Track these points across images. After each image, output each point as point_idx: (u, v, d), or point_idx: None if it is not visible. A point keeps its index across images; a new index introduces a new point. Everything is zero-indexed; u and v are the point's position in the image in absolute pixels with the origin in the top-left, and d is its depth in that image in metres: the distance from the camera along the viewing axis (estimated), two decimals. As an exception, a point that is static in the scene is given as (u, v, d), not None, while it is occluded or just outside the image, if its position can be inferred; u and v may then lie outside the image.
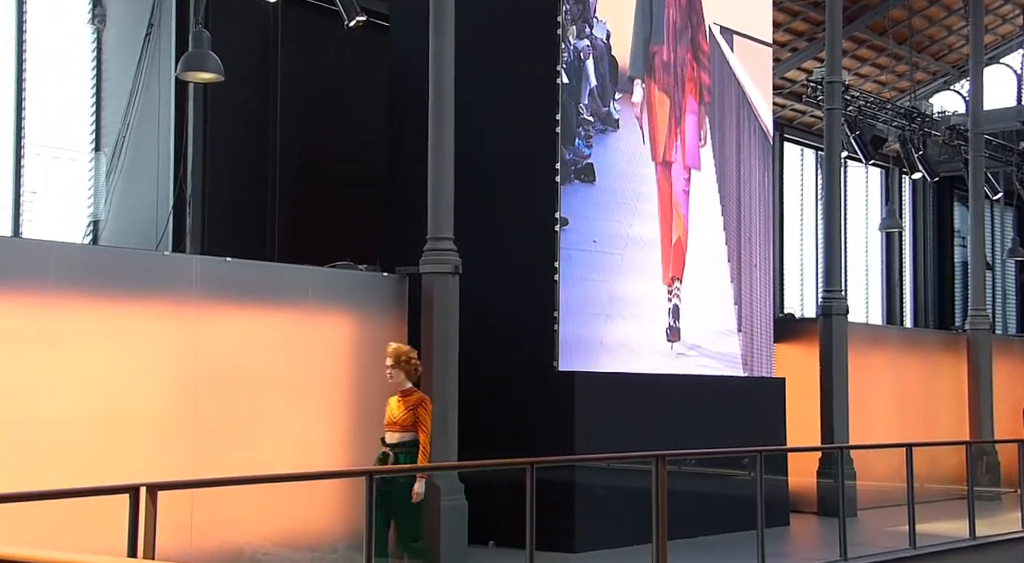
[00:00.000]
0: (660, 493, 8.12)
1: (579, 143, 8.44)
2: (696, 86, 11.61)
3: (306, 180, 12.24)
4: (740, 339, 12.13)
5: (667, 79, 11.11)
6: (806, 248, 19.88)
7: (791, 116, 19.29)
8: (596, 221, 9.00)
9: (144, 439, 7.92)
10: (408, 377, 7.90)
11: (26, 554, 3.25)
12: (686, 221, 11.57)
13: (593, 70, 8.80)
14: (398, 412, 7.87)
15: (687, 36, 11.57)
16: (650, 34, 11.05)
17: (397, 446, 7.82)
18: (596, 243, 8.63)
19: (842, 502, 10.16)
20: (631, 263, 9.53)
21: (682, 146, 11.45)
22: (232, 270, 8.65)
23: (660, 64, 11.09)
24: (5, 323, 7.30)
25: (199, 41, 10.15)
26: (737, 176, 12.37)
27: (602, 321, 8.94)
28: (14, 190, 10.56)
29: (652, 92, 11.09)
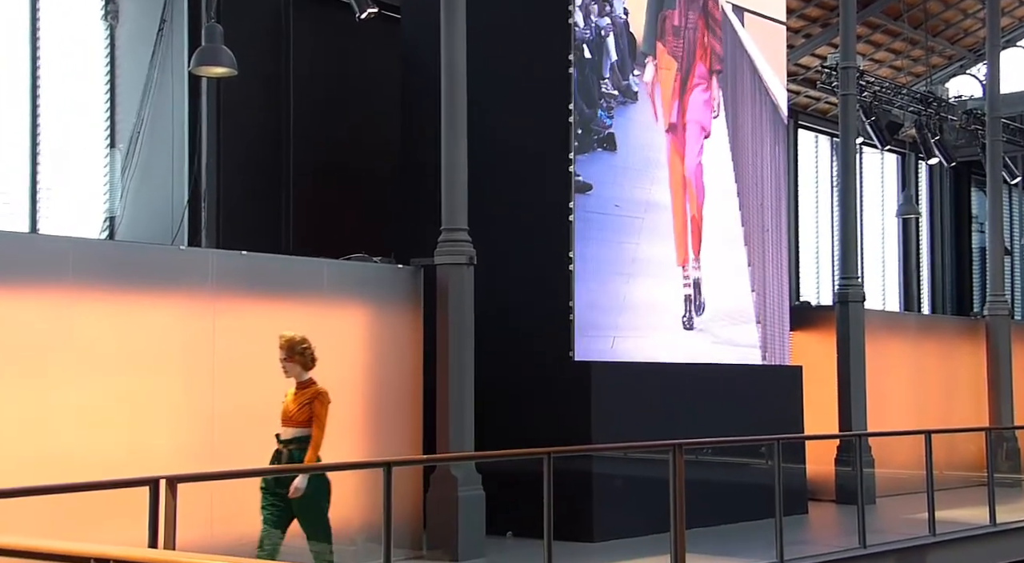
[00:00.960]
0: (678, 482, 8.12)
1: (601, 114, 8.80)
2: (707, 53, 11.44)
3: (320, 173, 12.26)
4: (757, 326, 12.11)
5: (676, 43, 10.92)
6: (822, 236, 19.80)
7: (805, 103, 19.19)
8: (618, 187, 9.29)
9: (162, 432, 7.96)
10: (305, 368, 7.26)
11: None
12: (700, 195, 11.37)
13: (614, 46, 9.19)
14: (293, 406, 7.24)
15: (699, 3, 11.49)
16: (662, 4, 10.98)
17: (292, 442, 7.18)
18: (618, 207, 8.93)
19: (861, 490, 10.14)
20: (652, 226, 9.92)
21: (688, 108, 11.18)
22: (247, 263, 8.68)
23: (671, 28, 10.93)
24: (24, 318, 7.34)
25: (212, 36, 10.17)
26: (751, 156, 12.29)
27: (624, 280, 9.24)
28: (30, 187, 10.62)
29: (661, 56, 10.96)
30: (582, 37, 9.01)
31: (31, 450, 7.24)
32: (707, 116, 11.48)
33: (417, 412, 9.48)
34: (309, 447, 7.12)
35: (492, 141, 10.49)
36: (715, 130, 11.74)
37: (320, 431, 7.14)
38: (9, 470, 6.97)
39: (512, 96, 10.83)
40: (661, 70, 11.03)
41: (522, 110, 10.78)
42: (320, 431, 7.14)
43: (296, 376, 7.26)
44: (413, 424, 9.45)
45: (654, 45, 10.92)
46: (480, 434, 9.34)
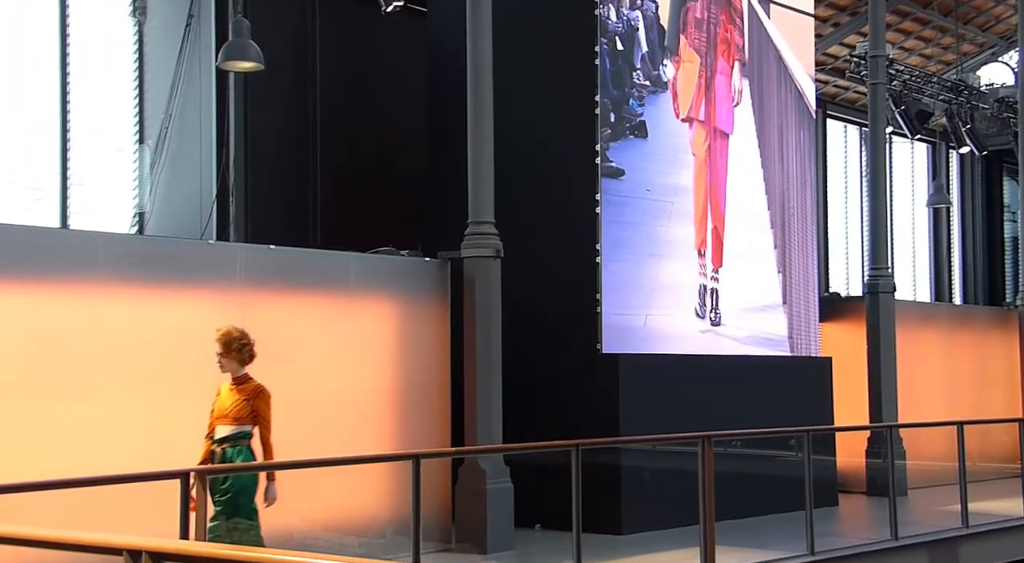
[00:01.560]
0: (707, 474, 8.09)
1: (633, 103, 9.17)
2: (728, 46, 11.47)
3: (347, 166, 12.29)
4: (785, 317, 12.04)
5: (699, 36, 11.01)
6: (851, 226, 19.65)
7: (834, 92, 19.04)
8: (649, 172, 9.59)
9: (193, 425, 8.01)
10: (242, 364, 6.83)
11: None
12: (723, 203, 11.41)
13: (644, 38, 9.51)
14: (229, 402, 6.77)
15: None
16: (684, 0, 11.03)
17: (226, 440, 6.74)
18: (649, 192, 9.29)
19: (892, 481, 10.07)
20: (680, 210, 10.23)
21: (712, 106, 11.23)
22: (275, 257, 8.71)
23: (693, 20, 10.95)
24: (55, 312, 7.41)
25: (239, 30, 10.21)
26: (779, 148, 12.26)
27: (655, 261, 9.61)
28: (61, 183, 10.70)
29: (684, 49, 10.96)
30: (614, 30, 9.28)
31: (61, 443, 7.31)
32: (729, 113, 11.49)
33: (445, 405, 9.50)
34: (264, 451, 6.74)
35: (518, 134, 10.47)
36: (740, 122, 11.72)
37: (268, 432, 6.76)
38: (40, 462, 7.04)
39: (539, 88, 10.81)
40: (683, 63, 11.04)
41: (548, 102, 10.75)
42: (268, 432, 6.76)
43: (233, 372, 6.85)
44: (441, 417, 9.46)
45: (677, 40, 10.95)
46: (508, 427, 9.34)
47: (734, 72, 11.53)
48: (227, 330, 6.86)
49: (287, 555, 3.09)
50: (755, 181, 11.88)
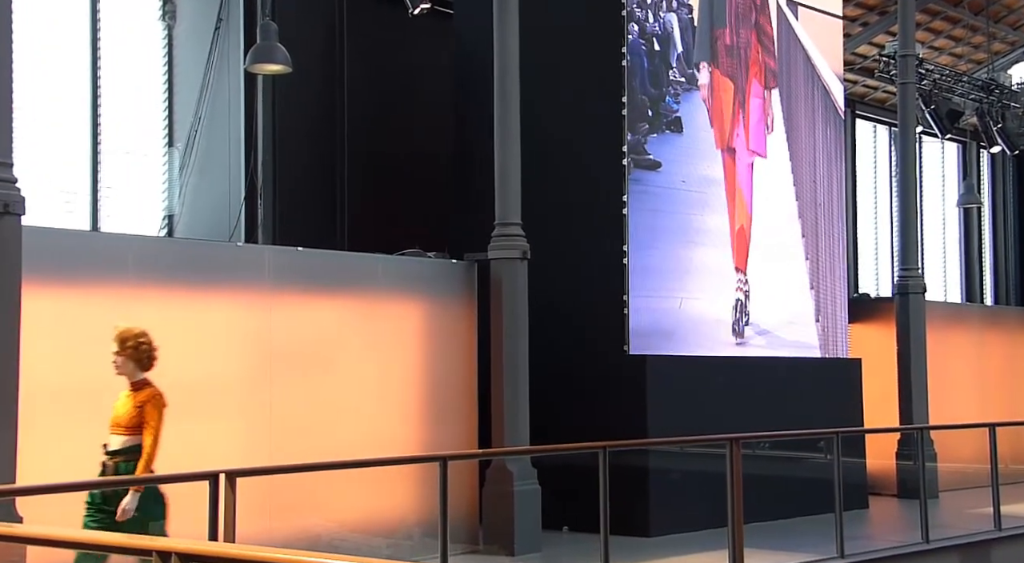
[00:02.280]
0: (735, 476, 8.05)
1: (669, 100, 9.71)
2: (761, 70, 11.62)
3: (374, 169, 12.33)
4: (818, 328, 12.05)
5: (731, 63, 11.18)
6: (880, 227, 19.50)
7: (863, 92, 18.91)
8: (684, 165, 10.03)
9: (221, 427, 8.06)
10: (140, 367, 6.22)
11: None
12: (750, 208, 11.50)
13: (680, 39, 9.97)
14: (123, 411, 6.18)
15: (750, 19, 11.59)
16: (713, 18, 11.13)
17: (119, 454, 6.11)
18: (684, 183, 9.76)
19: (923, 484, 9.99)
20: (714, 200, 10.64)
21: (745, 132, 11.46)
22: (303, 259, 8.75)
23: (723, 48, 11.16)
24: (86, 314, 7.47)
25: (267, 33, 10.26)
26: (809, 157, 12.28)
27: (690, 248, 10.05)
28: (91, 186, 10.80)
29: (716, 77, 11.12)
30: (651, 31, 9.72)
31: (92, 444, 7.36)
32: (761, 135, 11.57)
33: (472, 406, 9.50)
34: (140, 459, 6.06)
35: (545, 135, 10.47)
36: (771, 141, 11.78)
37: (153, 440, 6.07)
38: (71, 463, 7.10)
39: (565, 89, 10.80)
40: (718, 92, 11.04)
41: (575, 103, 10.75)
42: (153, 440, 6.07)
43: (129, 375, 6.23)
44: (468, 418, 9.47)
45: (708, 52, 11.04)
46: (535, 428, 9.33)
47: (769, 98, 11.59)
48: (124, 328, 6.27)
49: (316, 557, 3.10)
50: (786, 192, 11.91)
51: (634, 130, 9.78)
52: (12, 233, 6.92)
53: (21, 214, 6.97)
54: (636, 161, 9.39)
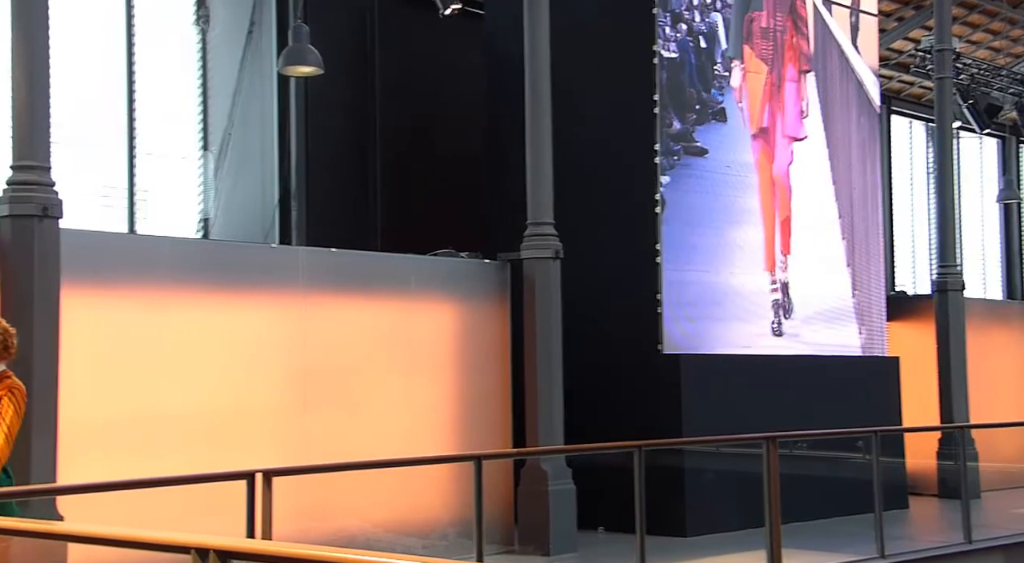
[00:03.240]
0: (772, 476, 7.99)
1: (714, 92, 10.34)
2: (796, 54, 11.68)
3: (407, 169, 12.36)
4: (857, 324, 12.01)
5: (765, 46, 11.28)
6: (918, 224, 19.30)
7: (898, 88, 18.72)
8: (728, 152, 10.59)
9: (258, 426, 8.11)
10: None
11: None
12: (789, 200, 11.48)
13: (724, 37, 10.58)
14: None
15: (787, 4, 11.63)
16: (748, 5, 11.24)
17: None
18: (729, 168, 10.39)
19: (964, 483, 9.87)
20: (755, 183, 11.13)
21: (782, 115, 11.47)
22: (337, 260, 8.79)
23: (758, 30, 11.24)
24: (122, 316, 7.54)
25: (299, 36, 10.32)
26: (846, 150, 12.24)
27: (735, 227, 10.59)
28: (128, 190, 10.90)
29: (749, 59, 11.19)
30: (699, 30, 10.39)
31: (130, 444, 7.43)
32: (798, 121, 11.65)
33: (506, 406, 9.50)
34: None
35: (577, 133, 10.45)
36: (807, 126, 11.78)
37: (4, 435, 5.42)
38: (113, 463, 7.17)
39: (597, 88, 10.78)
40: (749, 74, 11.14)
41: (607, 102, 10.72)
42: (4, 435, 5.42)
43: None
44: (503, 418, 9.46)
45: (740, 48, 11.12)
46: (569, 428, 9.31)
47: (804, 82, 11.70)
48: None
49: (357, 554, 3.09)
50: (825, 187, 11.91)
51: (683, 120, 10.22)
52: (51, 236, 7.00)
53: (59, 217, 7.05)
54: (685, 148, 10.01)
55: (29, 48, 7.05)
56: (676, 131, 10.00)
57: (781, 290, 11.22)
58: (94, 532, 3.95)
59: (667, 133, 9.90)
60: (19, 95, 7.05)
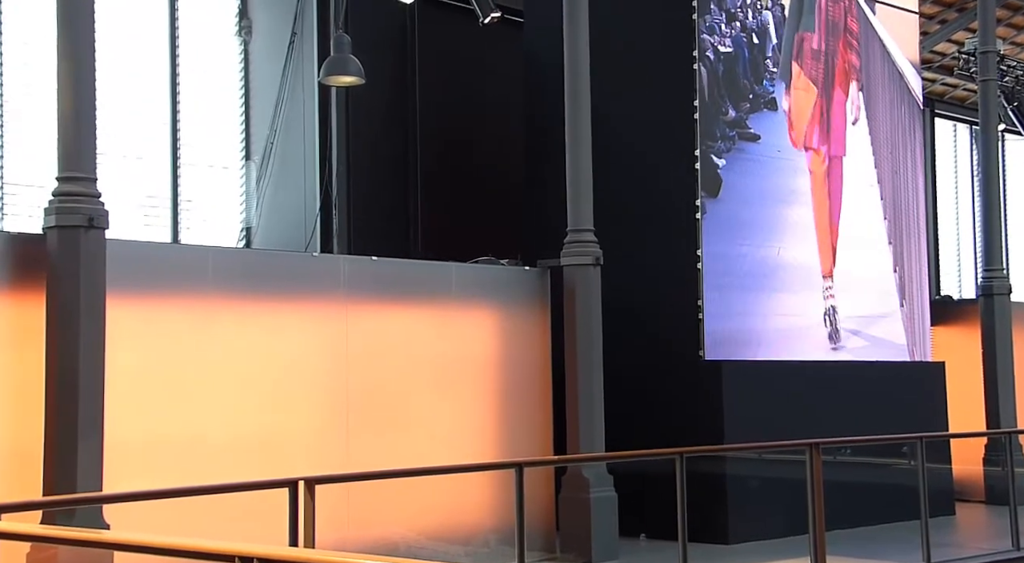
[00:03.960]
0: (815, 482, 7.92)
1: (766, 84, 10.96)
2: (845, 71, 11.89)
3: (447, 177, 12.40)
4: (905, 327, 12.01)
5: (816, 67, 11.58)
6: (962, 227, 19.08)
7: (942, 90, 18.52)
8: (779, 137, 11.13)
9: (300, 434, 8.16)
10: None
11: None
12: (837, 217, 11.63)
13: (775, 33, 11.15)
14: None
15: (840, 26, 11.86)
16: (799, 24, 11.52)
17: None
18: (779, 152, 10.98)
19: (1012, 490, 9.73)
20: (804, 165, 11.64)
21: (828, 134, 11.70)
22: (378, 268, 8.83)
23: (809, 51, 11.54)
24: (168, 323, 7.63)
25: (340, 46, 10.39)
26: (891, 154, 12.30)
27: (786, 206, 11.12)
28: (172, 200, 11.04)
29: (798, 78, 11.43)
30: (751, 27, 10.92)
31: (176, 452, 7.51)
32: (843, 138, 11.87)
33: (547, 413, 9.49)
34: None
35: (616, 140, 10.44)
36: (856, 135, 11.91)
37: None
38: (157, 471, 7.25)
39: (636, 95, 10.77)
40: (797, 90, 11.39)
41: (647, 109, 10.71)
42: None
43: None
44: (543, 425, 9.46)
45: (790, 68, 11.41)
46: (611, 435, 9.29)
47: (850, 92, 11.94)
48: None
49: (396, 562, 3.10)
50: (871, 192, 12.02)
51: (738, 109, 10.70)
52: (97, 246, 7.09)
53: (105, 227, 7.15)
54: (740, 134, 10.64)
55: (75, 60, 7.16)
56: (731, 118, 10.56)
57: (830, 313, 11.33)
58: (139, 540, 3.99)
59: (723, 120, 10.47)
60: (65, 107, 7.15)
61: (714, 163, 10.23)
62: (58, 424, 6.88)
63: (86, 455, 6.86)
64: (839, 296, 11.37)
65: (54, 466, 6.85)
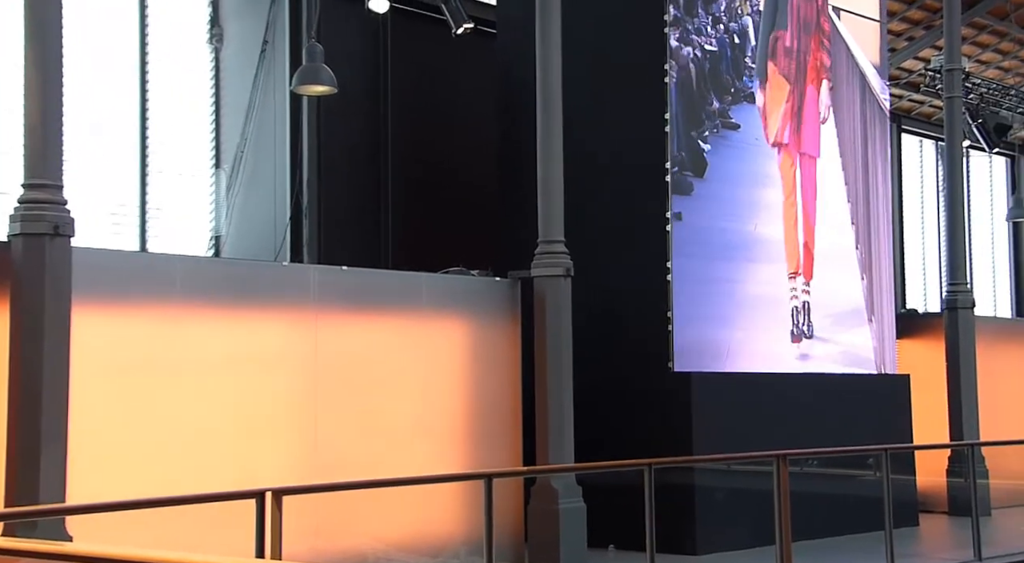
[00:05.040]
0: (782, 494, 7.97)
1: (746, 80, 11.63)
2: (817, 69, 12.23)
3: (418, 188, 12.40)
4: (873, 339, 12.17)
5: (788, 64, 11.92)
6: (928, 242, 19.29)
7: (909, 106, 18.74)
8: (758, 128, 11.72)
9: (267, 445, 8.12)
10: None
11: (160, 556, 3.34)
12: (813, 219, 11.85)
13: (754, 36, 11.72)
14: None
15: (812, 24, 12.13)
16: (773, 23, 11.83)
17: None
18: (757, 140, 11.66)
19: (975, 501, 9.82)
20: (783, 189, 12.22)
21: (801, 131, 11.99)
22: (348, 278, 8.81)
23: (782, 49, 11.88)
24: (135, 333, 7.57)
25: (312, 55, 10.37)
26: (861, 161, 12.55)
27: (760, 188, 11.66)
28: (140, 207, 10.96)
29: (772, 75, 11.74)
30: (732, 30, 11.47)
31: (141, 462, 7.45)
32: (815, 137, 12.18)
33: (516, 424, 9.50)
34: None
35: (588, 152, 10.48)
36: (826, 140, 12.22)
37: None
38: (122, 482, 7.18)
39: (608, 106, 10.82)
40: (771, 89, 11.71)
41: (618, 120, 10.76)
42: None
43: None
44: (513, 436, 9.46)
45: (765, 67, 11.70)
46: (580, 446, 9.30)
47: (822, 90, 12.27)
48: None
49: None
50: (839, 197, 12.28)
51: (721, 101, 11.26)
52: (62, 254, 7.03)
53: (71, 235, 7.08)
54: (723, 123, 11.26)
55: (42, 66, 7.10)
56: (716, 109, 11.28)
57: (802, 309, 11.51)
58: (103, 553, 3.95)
59: (707, 110, 11.11)
60: (31, 113, 7.09)
61: (701, 147, 10.95)
62: (21, 434, 6.80)
63: (49, 465, 6.79)
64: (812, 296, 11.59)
65: (16, 477, 6.77)
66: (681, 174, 10.57)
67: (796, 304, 11.54)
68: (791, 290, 11.51)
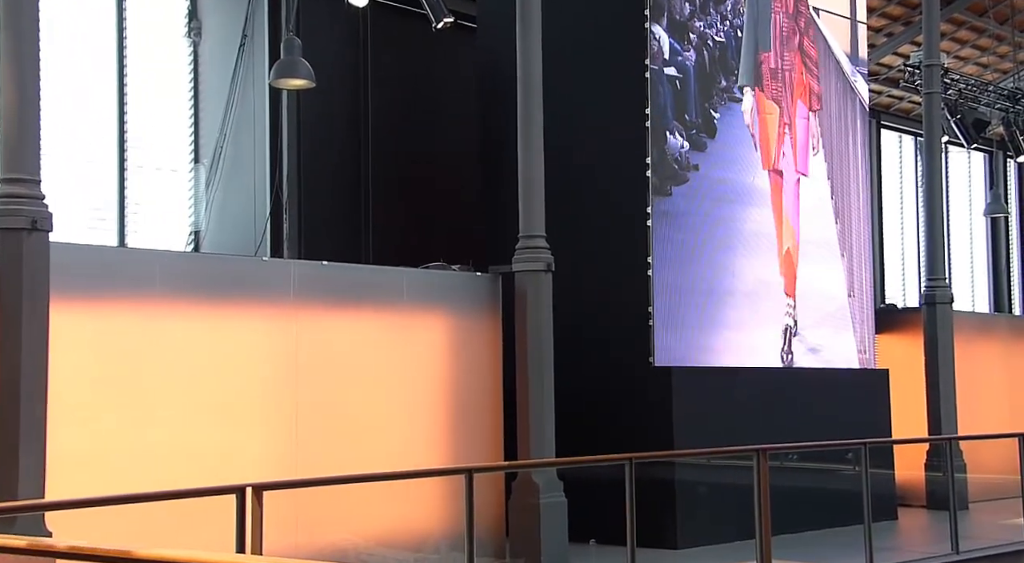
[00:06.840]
0: (762, 488, 8.00)
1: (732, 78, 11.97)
2: (806, 92, 12.35)
3: (399, 182, 12.37)
4: (856, 337, 12.23)
5: (775, 86, 12.08)
6: (907, 237, 19.40)
7: (888, 102, 18.82)
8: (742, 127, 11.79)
9: (247, 440, 8.09)
10: None
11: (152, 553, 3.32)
12: (797, 235, 11.93)
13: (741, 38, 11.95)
14: None
15: (794, 42, 12.28)
16: (757, 42, 11.95)
17: None
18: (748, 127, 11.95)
19: (952, 494, 9.90)
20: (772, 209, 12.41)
21: (793, 153, 12.17)
22: (328, 273, 8.79)
23: (768, 71, 12.01)
24: (114, 328, 7.53)
25: (291, 49, 10.33)
26: (845, 166, 12.64)
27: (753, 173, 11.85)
28: (119, 202, 10.89)
29: (761, 101, 11.90)
30: (737, 24, 11.86)
31: (123, 458, 7.41)
32: (805, 155, 12.35)
33: (498, 419, 9.50)
34: None
35: (569, 148, 10.48)
36: (814, 161, 12.36)
37: None
38: (102, 478, 7.15)
39: (589, 101, 10.82)
40: (763, 114, 11.87)
41: (600, 116, 10.77)
42: None
43: None
44: (494, 431, 9.46)
45: (752, 76, 11.90)
46: (561, 440, 9.31)
47: (812, 117, 12.40)
48: None
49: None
50: (825, 202, 12.39)
51: (727, 80, 11.61)
52: (40, 249, 6.98)
53: (49, 230, 7.03)
54: (729, 97, 11.69)
55: (19, 59, 7.04)
56: (723, 86, 11.73)
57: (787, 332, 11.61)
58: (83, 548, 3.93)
59: (717, 87, 11.61)
60: (8, 107, 7.03)
61: (712, 115, 11.43)
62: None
63: (27, 461, 6.75)
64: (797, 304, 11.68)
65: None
66: (698, 135, 11.09)
67: (788, 323, 11.59)
68: (787, 308, 11.55)
